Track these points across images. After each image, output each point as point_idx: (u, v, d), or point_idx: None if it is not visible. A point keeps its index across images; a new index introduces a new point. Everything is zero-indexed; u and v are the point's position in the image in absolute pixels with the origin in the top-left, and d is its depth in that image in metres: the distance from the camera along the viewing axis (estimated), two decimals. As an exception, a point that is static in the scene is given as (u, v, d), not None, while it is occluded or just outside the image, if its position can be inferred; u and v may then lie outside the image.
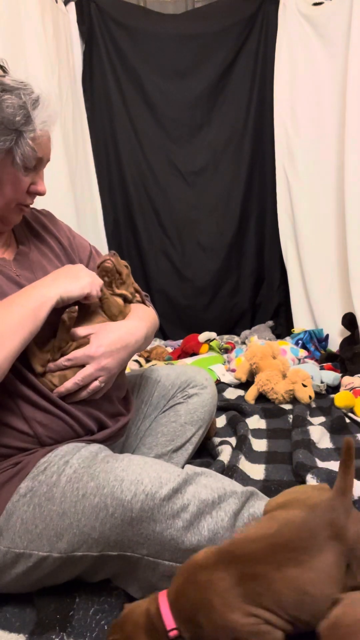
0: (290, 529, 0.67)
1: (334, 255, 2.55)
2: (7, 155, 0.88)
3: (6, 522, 0.81)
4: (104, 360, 0.92)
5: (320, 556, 0.63)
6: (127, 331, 0.99)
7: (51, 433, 0.90)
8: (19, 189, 0.93)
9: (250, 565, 0.65)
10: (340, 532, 0.65)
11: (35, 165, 0.93)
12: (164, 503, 0.74)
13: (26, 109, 0.87)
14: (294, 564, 0.64)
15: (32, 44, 2.18)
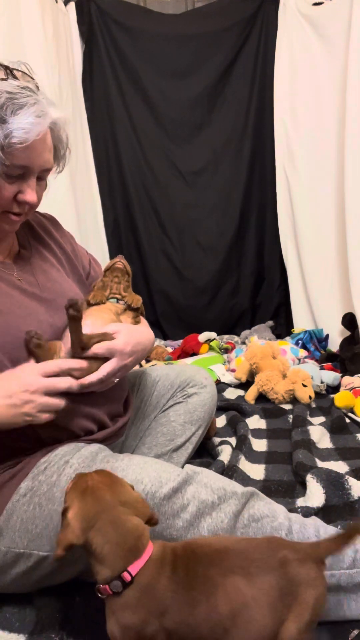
0: (249, 542, 0.70)
1: (334, 255, 2.55)
2: None
3: (6, 521, 0.81)
4: (128, 358, 0.94)
5: (266, 577, 0.64)
6: (146, 337, 1.04)
7: (51, 433, 0.90)
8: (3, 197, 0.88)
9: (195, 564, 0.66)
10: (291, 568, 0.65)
11: (22, 173, 0.88)
12: (163, 503, 0.74)
13: (1, 113, 0.81)
14: (242, 573, 0.65)
15: (32, 44, 2.18)
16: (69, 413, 0.91)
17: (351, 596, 0.77)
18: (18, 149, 0.84)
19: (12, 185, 0.88)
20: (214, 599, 0.64)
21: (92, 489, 0.68)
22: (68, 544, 0.64)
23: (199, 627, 0.63)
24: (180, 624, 0.63)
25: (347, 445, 1.45)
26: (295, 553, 0.66)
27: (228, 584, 0.64)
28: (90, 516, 0.66)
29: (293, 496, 1.18)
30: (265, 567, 0.65)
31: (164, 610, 0.63)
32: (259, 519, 0.78)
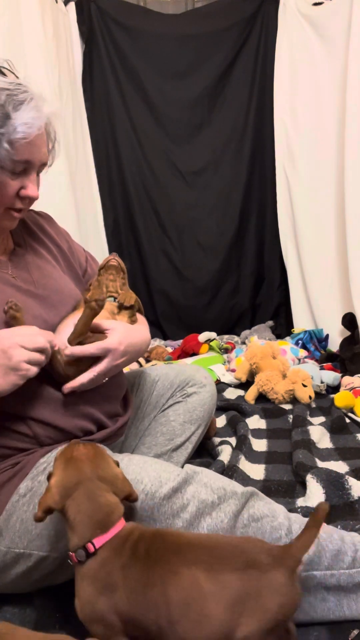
0: (224, 540, 0.70)
1: (334, 255, 2.55)
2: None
3: (6, 522, 0.81)
4: (120, 358, 0.93)
5: (230, 576, 0.63)
6: (142, 338, 1.02)
7: (50, 434, 0.90)
8: (4, 193, 0.89)
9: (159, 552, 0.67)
10: (258, 571, 0.64)
11: (25, 168, 0.89)
12: (163, 502, 0.74)
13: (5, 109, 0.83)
14: (204, 567, 0.64)
15: (32, 44, 2.17)
16: (65, 413, 0.91)
17: (351, 596, 0.77)
18: (22, 144, 0.85)
19: (15, 182, 0.89)
20: (167, 585, 0.64)
21: (75, 460, 0.73)
22: (47, 507, 0.69)
23: (148, 612, 0.64)
24: (131, 604, 0.64)
25: (347, 445, 1.45)
26: (267, 557, 0.65)
27: (187, 573, 0.64)
28: (68, 486, 0.71)
29: (293, 496, 1.18)
30: (231, 566, 0.64)
31: (117, 586, 0.65)
32: (259, 518, 0.78)
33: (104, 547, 0.68)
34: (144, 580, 0.65)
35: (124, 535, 0.69)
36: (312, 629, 0.76)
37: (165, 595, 0.63)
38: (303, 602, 0.75)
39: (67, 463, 0.73)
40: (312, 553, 0.76)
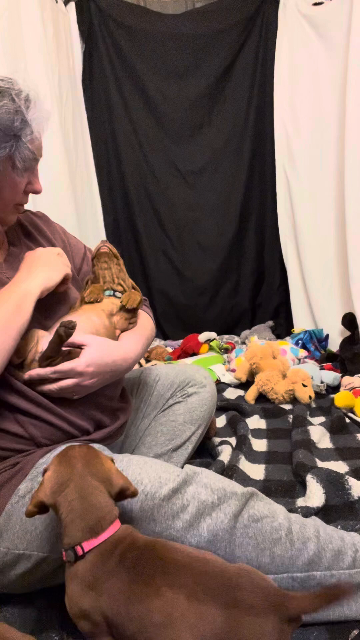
0: (216, 568, 0.64)
1: (334, 255, 2.55)
2: (7, 160, 0.88)
3: (5, 523, 0.81)
4: (88, 380, 0.90)
5: (212, 609, 0.59)
6: (122, 356, 0.95)
7: (46, 434, 0.90)
8: (17, 191, 0.93)
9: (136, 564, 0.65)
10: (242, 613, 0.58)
11: (32, 165, 0.93)
12: (163, 503, 0.74)
13: (22, 112, 0.86)
14: (188, 593, 0.60)
15: (32, 44, 2.17)
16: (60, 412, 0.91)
17: (351, 596, 0.77)
18: (36, 143, 0.90)
19: (23, 179, 0.92)
20: (149, 603, 0.61)
21: (69, 457, 0.73)
22: (38, 501, 0.69)
23: (129, 624, 0.62)
24: (113, 611, 0.64)
25: (347, 445, 1.45)
26: (261, 599, 0.59)
27: (169, 596, 0.61)
28: (60, 481, 0.70)
29: (293, 496, 1.18)
30: (217, 600, 0.59)
31: (101, 591, 0.65)
32: (259, 519, 0.78)
33: (92, 552, 0.67)
34: (127, 593, 0.63)
35: (115, 541, 0.68)
36: (312, 628, 0.76)
37: (146, 614, 0.61)
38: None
39: (61, 459, 0.73)
40: (312, 553, 0.76)
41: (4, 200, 0.92)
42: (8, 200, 0.93)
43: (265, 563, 0.74)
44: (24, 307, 0.85)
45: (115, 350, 0.94)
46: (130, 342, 1.00)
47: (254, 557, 0.74)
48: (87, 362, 0.89)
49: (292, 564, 0.75)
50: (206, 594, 0.60)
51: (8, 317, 0.83)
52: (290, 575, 0.75)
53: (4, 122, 0.85)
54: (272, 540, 0.76)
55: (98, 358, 0.90)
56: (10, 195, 0.92)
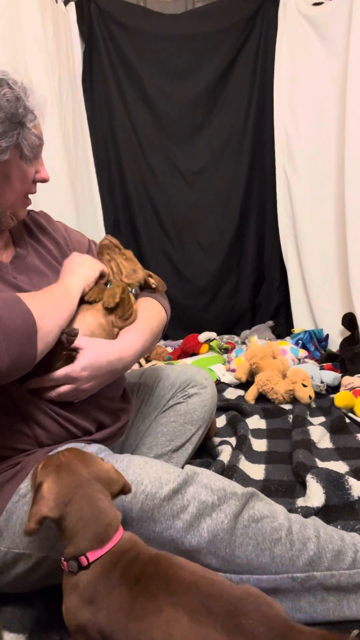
0: (225, 589, 0.62)
1: (334, 255, 2.55)
2: (15, 149, 0.87)
3: (6, 522, 0.81)
4: (85, 384, 0.89)
5: (214, 634, 0.57)
6: (118, 356, 0.94)
7: (50, 434, 0.90)
8: (26, 181, 0.93)
9: None
10: None
11: (36, 152, 0.93)
12: (163, 503, 0.74)
13: (22, 99, 0.87)
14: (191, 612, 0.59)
15: (32, 44, 2.18)
16: (65, 413, 0.91)
17: (351, 596, 0.77)
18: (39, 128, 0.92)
19: (32, 168, 0.93)
20: (149, 621, 0.59)
21: (66, 465, 0.69)
22: (41, 516, 0.65)
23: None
24: (112, 627, 0.61)
25: (347, 445, 1.45)
26: (266, 628, 0.58)
27: (171, 614, 0.59)
28: (66, 491, 0.66)
29: (293, 496, 1.18)
30: (220, 625, 0.58)
31: (101, 606, 0.62)
32: (259, 519, 0.78)
33: (96, 562, 0.65)
34: (127, 609, 0.61)
35: (119, 552, 0.66)
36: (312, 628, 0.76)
37: (145, 632, 0.59)
38: (303, 602, 0.75)
39: (59, 469, 0.68)
40: (312, 553, 0.76)
41: (16, 192, 0.92)
42: (19, 192, 0.93)
43: (266, 563, 0.74)
44: (72, 296, 0.92)
45: (110, 351, 0.93)
46: (128, 340, 0.98)
47: (254, 557, 0.74)
48: (82, 367, 0.88)
49: (292, 564, 0.75)
50: (209, 617, 0.58)
51: (60, 299, 0.89)
52: (290, 576, 0.75)
53: (9, 110, 0.84)
54: (272, 541, 0.76)
55: (93, 361, 0.90)
56: (21, 185, 0.92)
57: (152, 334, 1.04)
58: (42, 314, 0.81)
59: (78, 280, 0.96)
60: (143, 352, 1.01)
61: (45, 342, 0.81)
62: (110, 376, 0.94)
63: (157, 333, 1.06)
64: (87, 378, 0.89)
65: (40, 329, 0.79)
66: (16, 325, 0.76)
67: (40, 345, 0.80)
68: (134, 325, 1.02)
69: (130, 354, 0.97)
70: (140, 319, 1.04)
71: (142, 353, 1.01)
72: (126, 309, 1.01)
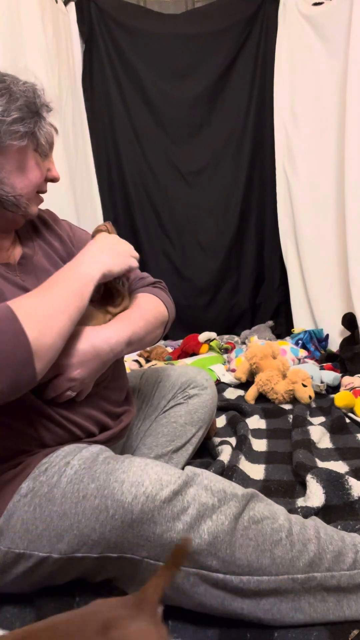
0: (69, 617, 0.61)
1: (334, 255, 2.55)
2: (31, 139, 0.88)
3: (7, 522, 0.81)
4: (74, 371, 0.88)
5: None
6: (103, 340, 0.92)
7: (54, 436, 0.90)
8: (42, 174, 0.93)
9: None
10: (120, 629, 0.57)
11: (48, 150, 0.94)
12: (164, 505, 0.74)
13: (38, 92, 0.89)
14: None
15: (32, 44, 2.18)
16: (70, 414, 0.91)
17: (351, 597, 0.77)
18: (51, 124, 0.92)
19: (44, 164, 0.93)
20: None
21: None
22: None
23: None
24: None
25: (347, 445, 1.45)
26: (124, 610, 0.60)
27: None
28: None
29: (293, 496, 1.18)
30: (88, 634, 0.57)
31: None
32: (259, 520, 0.78)
33: None
34: None
35: None
36: (312, 629, 0.76)
37: None
38: (303, 602, 0.75)
39: None
40: (312, 554, 0.76)
41: (29, 185, 0.91)
42: (33, 185, 0.92)
43: (266, 564, 0.74)
44: (84, 293, 0.85)
45: (95, 335, 0.91)
46: (116, 327, 0.96)
47: (255, 558, 0.74)
48: (66, 353, 0.87)
49: (293, 565, 0.75)
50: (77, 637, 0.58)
51: (68, 300, 0.83)
52: (291, 577, 0.75)
53: (29, 98, 0.86)
54: (272, 542, 0.76)
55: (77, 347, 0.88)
56: (36, 177, 0.91)
57: (147, 323, 1.01)
58: (41, 328, 0.76)
59: (98, 269, 0.88)
60: (135, 340, 0.98)
61: (45, 360, 0.78)
62: (99, 362, 0.91)
63: (153, 323, 1.04)
64: (74, 365, 0.88)
65: (37, 350, 0.75)
66: (8, 351, 0.72)
67: (39, 365, 0.76)
68: (126, 313, 1.00)
69: (118, 339, 0.94)
70: (134, 309, 1.02)
71: (134, 341, 0.98)
72: (115, 298, 1.00)
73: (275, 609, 0.75)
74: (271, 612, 0.75)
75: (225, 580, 0.74)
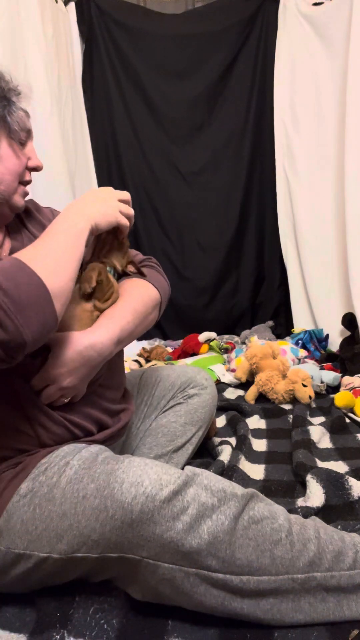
0: None
1: (334, 255, 2.56)
2: (3, 124, 0.87)
3: (6, 522, 0.81)
4: (64, 380, 0.88)
5: None
6: (89, 344, 0.90)
7: (52, 435, 0.90)
8: (21, 163, 0.92)
9: None
10: None
11: (26, 139, 0.93)
12: (164, 505, 0.74)
13: (5, 80, 0.88)
14: None
15: (32, 44, 2.18)
16: (67, 413, 0.91)
17: (351, 597, 0.77)
18: (26, 112, 0.91)
19: (23, 152, 0.92)
20: None
21: None
22: None
23: None
24: None
25: (347, 445, 1.45)
26: None
27: None
28: None
29: (293, 496, 1.18)
30: None
31: None
32: (259, 520, 0.78)
33: None
34: None
35: None
36: (312, 629, 0.76)
37: None
38: (303, 602, 0.75)
39: None
40: (312, 554, 0.76)
41: (8, 171, 0.90)
42: (11, 171, 0.91)
43: (266, 564, 0.74)
44: (77, 242, 0.83)
45: (78, 342, 0.90)
46: (101, 327, 0.94)
47: (255, 558, 0.74)
48: (53, 364, 0.87)
49: (293, 565, 0.75)
50: None
51: (66, 248, 0.81)
52: (291, 577, 0.75)
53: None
54: (272, 542, 0.76)
55: (62, 356, 0.88)
56: (15, 165, 0.91)
57: (136, 314, 0.99)
58: (50, 269, 0.76)
59: (87, 219, 0.86)
60: (125, 337, 0.96)
61: (62, 301, 0.77)
62: (88, 368, 0.90)
63: (143, 312, 1.01)
64: (64, 375, 0.88)
65: (52, 289, 0.75)
66: (26, 295, 0.71)
67: (58, 305, 0.76)
68: (113, 309, 0.98)
69: (104, 343, 0.91)
70: (122, 302, 1.00)
71: (124, 338, 0.96)
72: (105, 291, 0.97)
73: (275, 609, 0.75)
74: (271, 612, 0.75)
75: (225, 580, 0.74)
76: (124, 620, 0.78)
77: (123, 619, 0.79)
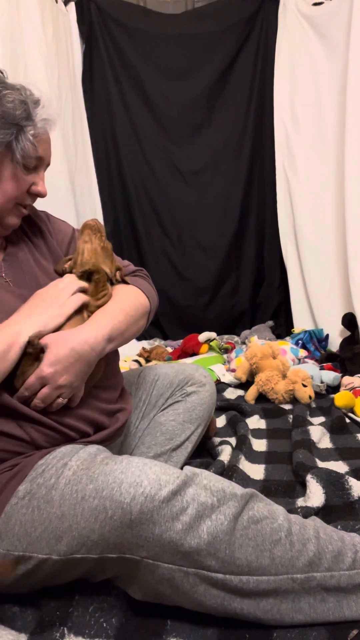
0: None
1: (334, 255, 2.56)
2: (6, 149, 0.88)
3: (5, 525, 0.81)
4: (59, 378, 0.88)
5: None
6: (83, 340, 0.90)
7: (47, 438, 0.90)
8: (19, 187, 0.92)
9: None
10: None
11: (36, 165, 0.93)
12: (163, 505, 0.74)
13: (27, 104, 0.89)
14: None
15: (32, 44, 2.18)
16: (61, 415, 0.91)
17: (351, 597, 0.77)
18: (40, 140, 0.92)
19: (27, 177, 0.93)
20: None
21: None
22: None
23: None
24: None
25: (347, 445, 1.45)
26: None
27: None
28: None
29: (293, 496, 1.18)
30: None
31: None
32: (259, 520, 0.77)
33: None
34: None
35: None
36: (312, 629, 0.76)
37: None
38: (303, 603, 0.75)
39: None
40: (312, 554, 0.76)
41: (6, 195, 0.91)
42: (10, 196, 0.92)
43: (265, 564, 0.74)
44: (10, 355, 0.84)
45: (71, 339, 0.90)
46: (94, 324, 0.95)
47: (254, 558, 0.74)
48: (49, 363, 0.87)
49: (292, 565, 0.75)
50: None
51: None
52: (290, 577, 0.75)
53: (8, 110, 0.86)
54: (272, 542, 0.76)
55: (56, 353, 0.88)
56: (13, 189, 0.92)
57: (127, 316, 1.00)
58: None
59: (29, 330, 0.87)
60: (116, 335, 0.97)
61: None
62: (83, 364, 0.91)
63: (133, 316, 1.02)
64: (59, 372, 0.88)
65: None
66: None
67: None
68: (104, 308, 0.99)
69: (97, 338, 0.92)
70: (113, 303, 1.01)
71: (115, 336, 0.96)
72: (99, 289, 0.99)
73: (275, 609, 0.75)
74: (271, 612, 0.75)
75: (225, 580, 0.73)
76: (123, 620, 0.79)
77: (122, 618, 0.79)
